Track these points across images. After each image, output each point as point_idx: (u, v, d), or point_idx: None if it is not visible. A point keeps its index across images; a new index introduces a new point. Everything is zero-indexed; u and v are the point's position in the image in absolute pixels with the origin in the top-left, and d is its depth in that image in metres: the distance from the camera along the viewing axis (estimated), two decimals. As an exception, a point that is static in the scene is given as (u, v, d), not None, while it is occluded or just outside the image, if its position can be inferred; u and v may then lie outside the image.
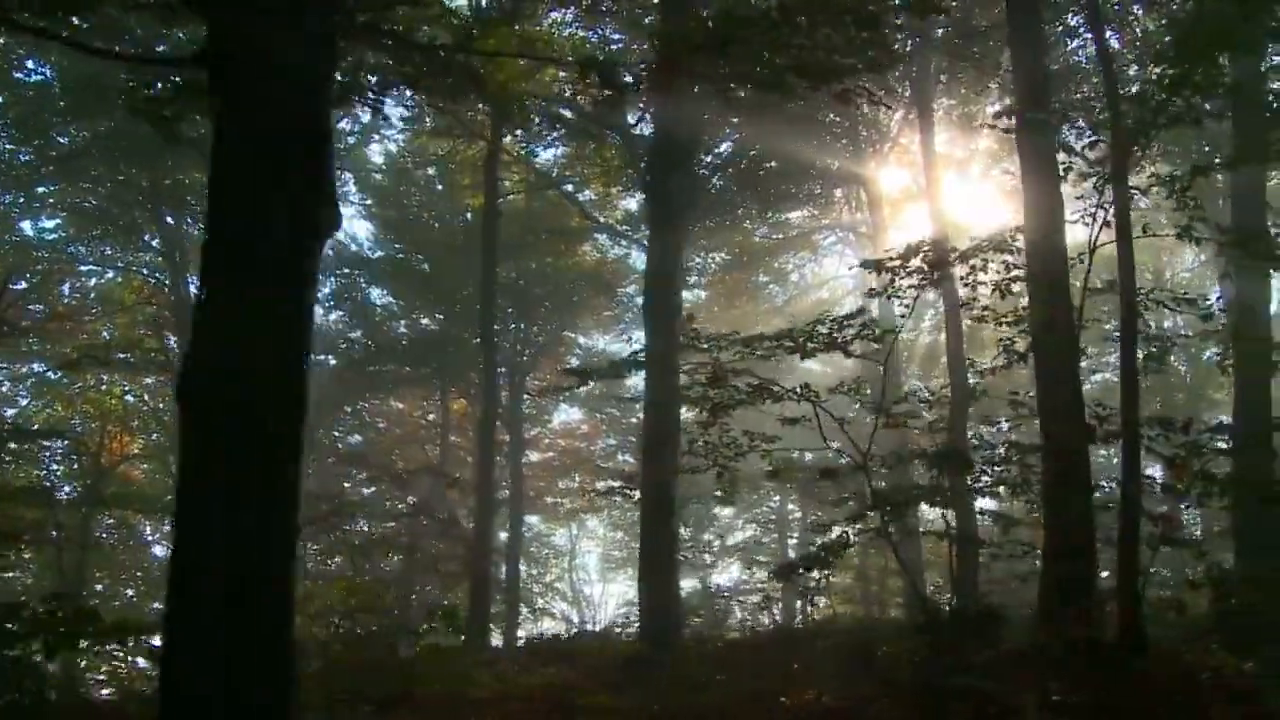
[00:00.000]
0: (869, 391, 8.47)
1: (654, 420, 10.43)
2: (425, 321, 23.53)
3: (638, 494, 11.14)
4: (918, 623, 7.52)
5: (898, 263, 7.58)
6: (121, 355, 21.29)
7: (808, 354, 7.89)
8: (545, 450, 26.03)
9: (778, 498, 24.83)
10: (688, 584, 27.52)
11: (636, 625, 19.49)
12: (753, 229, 21.66)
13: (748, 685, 8.57)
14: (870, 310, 8.86)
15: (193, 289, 20.75)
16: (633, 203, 20.54)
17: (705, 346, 8.07)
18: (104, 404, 21.67)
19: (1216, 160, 8.35)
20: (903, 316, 8.61)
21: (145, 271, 21.38)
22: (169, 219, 19.95)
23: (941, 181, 17.89)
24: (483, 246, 15.73)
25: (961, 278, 8.23)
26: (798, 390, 7.64)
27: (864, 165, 20.30)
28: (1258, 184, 12.45)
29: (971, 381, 12.55)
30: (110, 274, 21.68)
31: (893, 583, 18.77)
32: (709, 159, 18.41)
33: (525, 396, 22.03)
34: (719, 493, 9.73)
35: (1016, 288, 8.22)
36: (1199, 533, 16.45)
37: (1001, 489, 8.56)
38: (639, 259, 20.07)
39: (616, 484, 12.34)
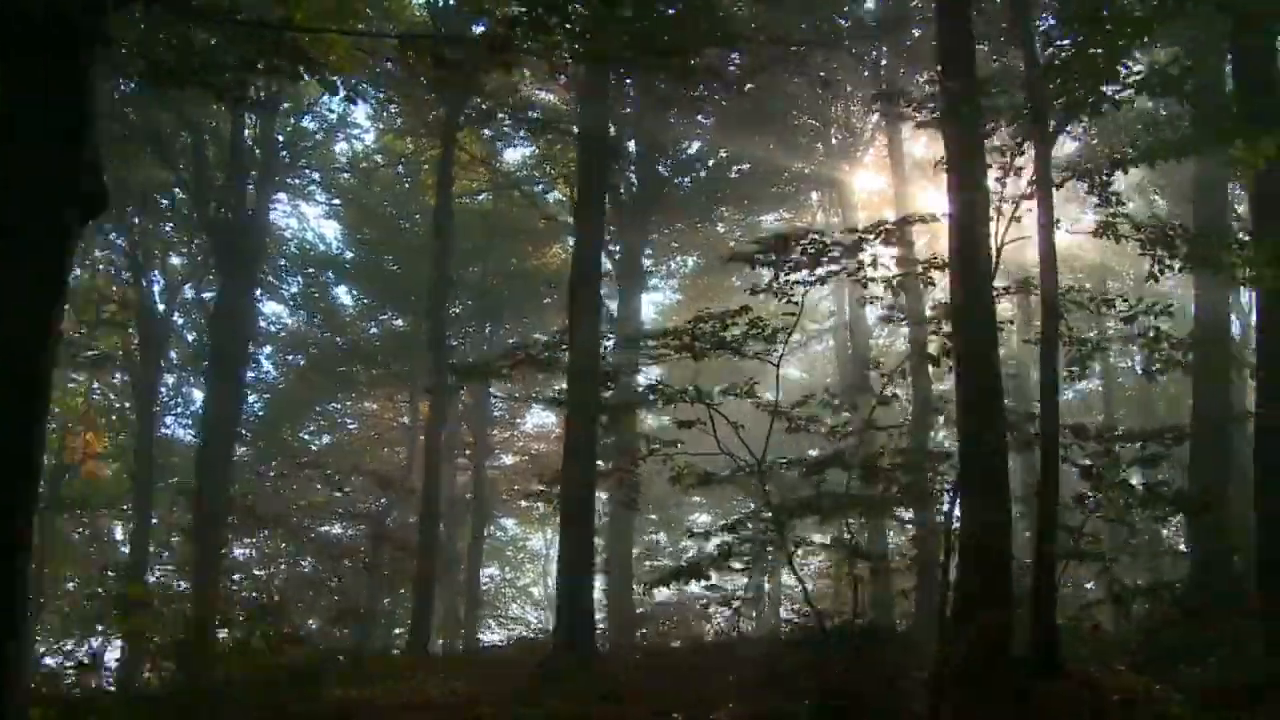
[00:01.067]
0: (767, 395, 8.11)
1: (574, 420, 10.12)
2: (399, 323, 23.35)
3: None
4: (794, 639, 7.16)
5: (771, 256, 7.24)
6: (90, 353, 21.21)
7: (699, 354, 7.55)
8: (519, 454, 25.74)
9: (751, 504, 24.40)
10: (663, 593, 27.16)
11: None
12: (726, 231, 21.33)
13: (652, 699, 8.26)
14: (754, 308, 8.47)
15: (156, 288, 20.70)
16: (600, 203, 20.26)
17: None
18: (66, 402, 21.54)
19: (1130, 152, 7.96)
20: (792, 314, 8.23)
21: (114, 270, 21.29)
22: (136, 218, 19.81)
23: (912, 184, 17.58)
24: (435, 245, 15.51)
25: (850, 272, 7.87)
26: (688, 391, 7.32)
27: (837, 168, 20.00)
28: (1220, 183, 12.06)
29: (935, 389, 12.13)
30: (78, 271, 21.55)
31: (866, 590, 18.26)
32: (670, 159, 18.18)
33: (492, 398, 21.77)
34: (629, 499, 9.40)
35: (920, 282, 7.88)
36: (1179, 547, 15.95)
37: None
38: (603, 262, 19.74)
39: (539, 488, 12.09)
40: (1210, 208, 11.92)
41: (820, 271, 7.51)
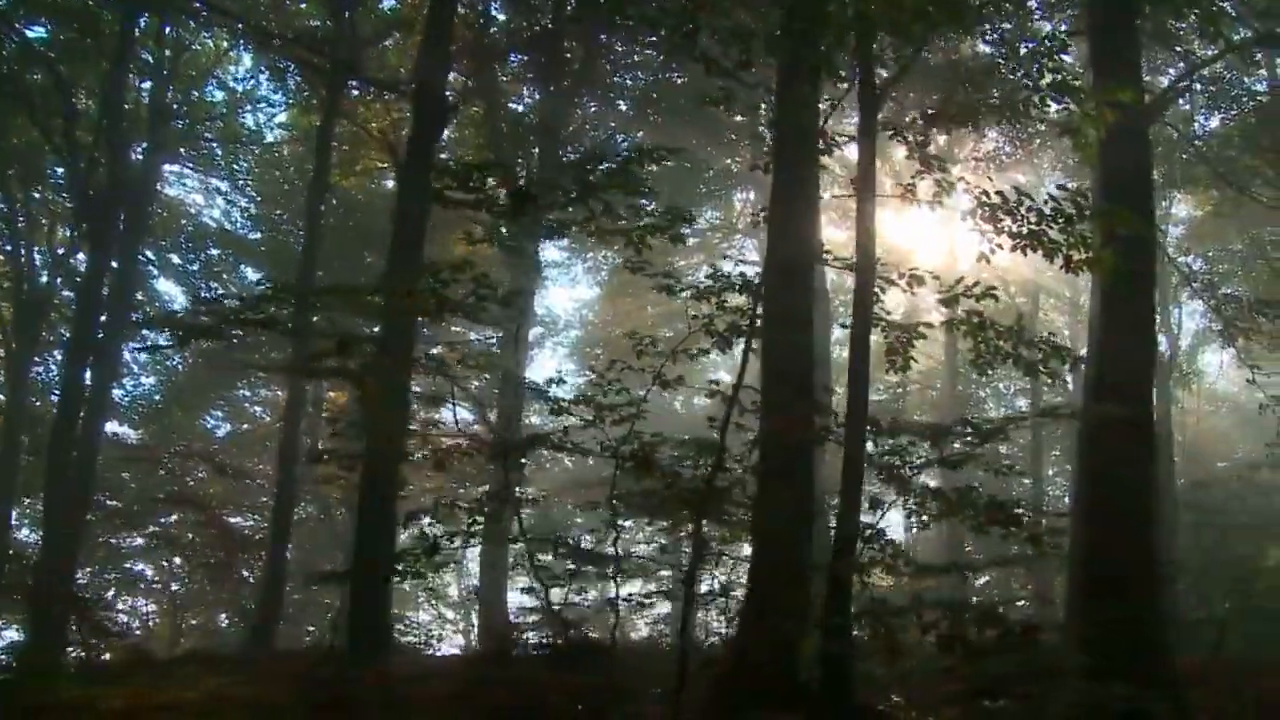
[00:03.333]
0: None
1: (382, 399, 9.16)
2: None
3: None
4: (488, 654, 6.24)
5: (469, 197, 6.33)
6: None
7: (431, 315, 6.66)
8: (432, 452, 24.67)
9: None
10: (592, 596, 25.96)
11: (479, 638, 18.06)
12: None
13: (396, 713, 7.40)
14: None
15: (36, 259, 19.57)
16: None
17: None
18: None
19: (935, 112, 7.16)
20: (545, 277, 7.35)
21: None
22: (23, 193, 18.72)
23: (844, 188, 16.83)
24: (306, 220, 14.63)
25: (611, 232, 7.00)
26: (427, 357, 6.43)
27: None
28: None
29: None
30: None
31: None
32: (575, 144, 17.35)
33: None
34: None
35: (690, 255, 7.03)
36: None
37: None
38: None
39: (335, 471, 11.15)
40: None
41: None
